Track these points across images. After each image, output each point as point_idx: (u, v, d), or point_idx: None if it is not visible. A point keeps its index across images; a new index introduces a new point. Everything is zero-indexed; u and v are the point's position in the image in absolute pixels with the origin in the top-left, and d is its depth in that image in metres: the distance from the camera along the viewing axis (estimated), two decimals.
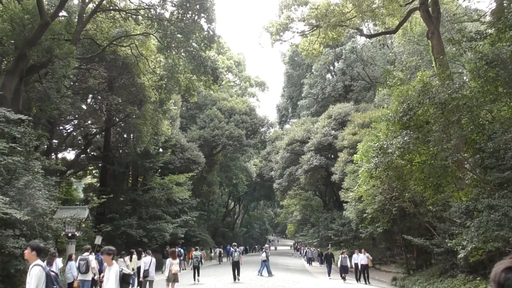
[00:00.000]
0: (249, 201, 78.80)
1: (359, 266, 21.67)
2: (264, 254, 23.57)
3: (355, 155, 22.36)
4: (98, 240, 21.52)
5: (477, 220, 11.69)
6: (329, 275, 24.75)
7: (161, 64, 27.26)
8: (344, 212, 27.40)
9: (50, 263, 12.28)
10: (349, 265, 22.81)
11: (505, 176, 11.37)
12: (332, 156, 38.28)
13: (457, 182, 15.22)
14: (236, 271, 20.68)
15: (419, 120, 14.21)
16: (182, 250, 31.03)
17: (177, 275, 14.96)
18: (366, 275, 21.46)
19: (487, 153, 12.51)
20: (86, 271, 13.32)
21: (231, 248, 22.88)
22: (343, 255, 23.06)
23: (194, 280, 20.59)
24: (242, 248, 61.43)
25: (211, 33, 25.40)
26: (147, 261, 14.94)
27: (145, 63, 25.38)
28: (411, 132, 14.17)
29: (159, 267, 22.70)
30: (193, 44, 25.71)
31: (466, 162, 13.83)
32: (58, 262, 13.00)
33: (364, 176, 18.67)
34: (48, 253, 12.73)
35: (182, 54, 25.91)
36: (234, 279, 20.50)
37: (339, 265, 22.98)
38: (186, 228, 34.28)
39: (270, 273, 22.99)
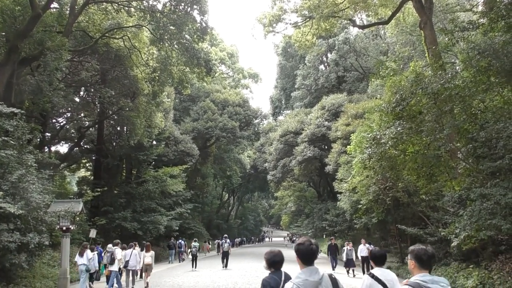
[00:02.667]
0: (243, 193, 79.00)
1: (360, 258, 20.23)
2: None
3: (348, 146, 22.42)
4: (93, 233, 21.51)
5: (470, 209, 11.78)
6: (333, 268, 22.97)
7: (154, 56, 27.14)
8: (338, 202, 27.54)
9: (81, 254, 14.66)
10: (354, 258, 20.93)
11: (497, 165, 11.44)
12: (326, 147, 38.41)
13: (450, 172, 15.32)
14: (225, 259, 23.54)
15: (412, 111, 14.25)
16: (182, 242, 31.65)
17: (150, 265, 16.32)
18: (368, 268, 19.10)
19: (479, 143, 12.57)
20: (112, 262, 15.02)
21: (223, 239, 24.50)
22: (348, 247, 20.91)
23: (192, 267, 23.21)
24: (239, 239, 61.89)
25: (204, 25, 25.32)
26: (128, 253, 15.99)
27: (138, 56, 25.24)
28: (404, 123, 14.22)
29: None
30: (186, 36, 25.61)
31: (458, 152, 13.92)
32: (89, 253, 14.87)
33: (357, 166, 18.74)
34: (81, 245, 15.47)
35: (175, 46, 25.80)
36: (223, 266, 23.33)
37: (344, 258, 21.04)
38: (181, 221, 34.40)
39: None
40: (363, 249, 20.05)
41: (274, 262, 4.31)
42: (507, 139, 11.07)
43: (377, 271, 4.72)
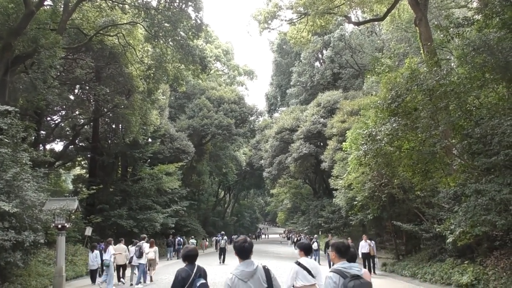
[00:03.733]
0: (239, 190, 78.94)
1: (360, 255, 18.88)
2: (315, 244, 25.36)
3: (344, 143, 22.45)
4: (88, 231, 21.49)
5: (465, 205, 11.82)
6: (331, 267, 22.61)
7: (149, 54, 27.02)
8: (334, 199, 27.57)
9: (105, 250, 16.13)
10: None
11: (492, 161, 11.46)
12: (322, 144, 38.44)
13: (445, 168, 15.37)
14: (222, 255, 25.10)
15: (407, 107, 14.28)
16: (181, 239, 31.86)
17: (154, 260, 17.35)
18: (369, 265, 18.87)
19: (474, 139, 12.61)
20: (140, 256, 16.09)
21: (220, 236, 25.09)
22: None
23: None
24: (236, 236, 61.90)
25: (199, 21, 25.21)
26: (132, 250, 17.05)
27: (132, 53, 25.13)
28: (400, 119, 14.24)
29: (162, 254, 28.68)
30: (181, 33, 25.50)
31: (454, 148, 13.96)
32: (111, 249, 15.99)
33: (353, 163, 18.78)
34: (105, 241, 17.12)
35: (170, 43, 25.71)
36: (220, 261, 24.85)
37: None
38: (177, 218, 34.39)
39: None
40: (365, 246, 19.15)
41: (188, 256, 5.24)
42: (502, 135, 11.10)
43: (303, 260, 5.72)
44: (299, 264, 5.67)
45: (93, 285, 16.74)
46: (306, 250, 5.93)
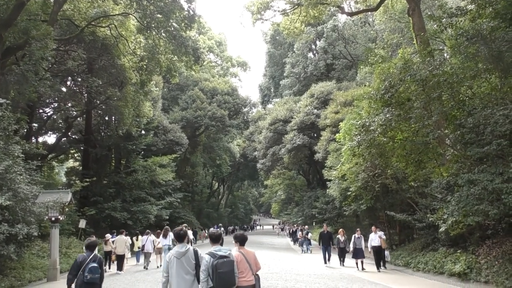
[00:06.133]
0: (233, 182, 78.99)
1: (369, 249, 17.20)
2: (310, 235, 27.42)
3: (337, 134, 22.48)
4: (82, 223, 21.45)
5: (457, 194, 11.88)
6: (326, 261, 19.57)
7: (141, 45, 26.82)
8: (327, 190, 27.68)
9: (165, 236, 17.90)
10: (363, 247, 17.57)
11: (484, 151, 11.50)
12: (315, 135, 38.50)
13: (438, 158, 15.43)
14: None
15: (400, 97, 14.30)
16: None
17: (161, 248, 18.34)
18: (379, 260, 16.94)
19: (467, 129, 12.63)
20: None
21: (217, 227, 25.20)
22: (356, 235, 17.62)
23: None
24: (231, 227, 62.12)
25: (191, 12, 25.01)
26: (144, 239, 19.13)
27: (125, 44, 24.94)
28: (393, 109, 14.26)
29: None
30: (174, 24, 25.28)
31: (446, 138, 14.01)
32: (171, 234, 17.36)
33: (347, 154, 18.81)
34: (163, 228, 18.73)
35: (163, 34, 25.49)
36: None
37: (351, 248, 17.71)
38: (171, 210, 34.39)
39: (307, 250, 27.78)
40: (375, 238, 16.80)
41: (89, 246, 7.04)
42: (494, 125, 11.14)
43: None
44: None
45: None
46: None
